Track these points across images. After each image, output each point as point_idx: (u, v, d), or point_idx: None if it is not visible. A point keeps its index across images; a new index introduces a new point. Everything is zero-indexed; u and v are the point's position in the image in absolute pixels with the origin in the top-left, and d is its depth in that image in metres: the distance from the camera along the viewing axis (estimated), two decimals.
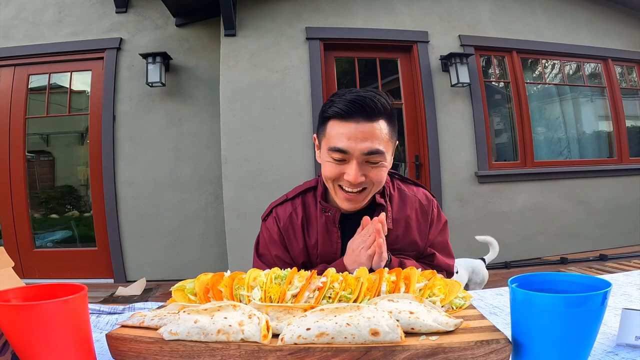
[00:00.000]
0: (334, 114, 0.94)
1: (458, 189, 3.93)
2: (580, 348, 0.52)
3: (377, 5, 3.98)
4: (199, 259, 3.83)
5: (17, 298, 0.61)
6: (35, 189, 4.06)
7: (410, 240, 1.09)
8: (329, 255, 1.08)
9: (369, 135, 0.91)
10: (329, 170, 0.96)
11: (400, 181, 1.14)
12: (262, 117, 3.63)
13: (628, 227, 4.32)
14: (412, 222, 1.09)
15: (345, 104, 0.92)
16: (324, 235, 1.07)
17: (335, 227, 1.05)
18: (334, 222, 1.05)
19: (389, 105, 0.95)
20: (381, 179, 0.97)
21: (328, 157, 0.96)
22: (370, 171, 0.95)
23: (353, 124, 0.92)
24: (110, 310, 0.92)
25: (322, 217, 1.07)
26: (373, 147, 0.91)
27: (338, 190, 0.98)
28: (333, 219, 1.05)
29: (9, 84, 3.89)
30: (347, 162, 0.94)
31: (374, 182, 0.96)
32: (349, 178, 0.93)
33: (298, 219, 1.09)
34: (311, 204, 1.10)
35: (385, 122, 0.95)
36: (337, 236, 1.06)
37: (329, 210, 1.05)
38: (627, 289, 0.95)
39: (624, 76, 4.74)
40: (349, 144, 0.91)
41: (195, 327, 0.56)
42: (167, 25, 3.95)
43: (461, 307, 0.70)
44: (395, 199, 1.09)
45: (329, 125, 0.96)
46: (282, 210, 1.11)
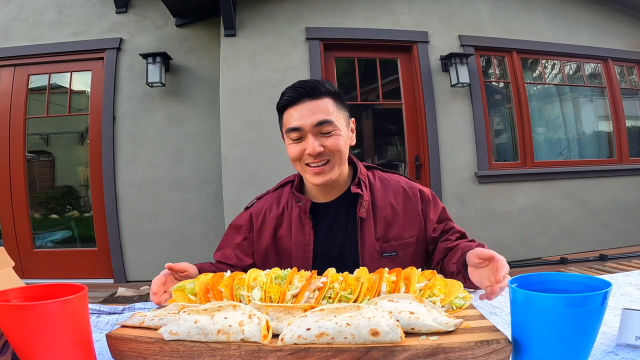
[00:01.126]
0: (285, 102, 1.06)
1: (458, 189, 3.93)
2: (580, 348, 0.52)
3: (377, 5, 3.98)
4: (199, 259, 3.81)
5: (17, 298, 0.61)
6: (35, 189, 4.06)
7: (403, 224, 1.13)
8: (301, 245, 1.12)
9: (315, 110, 1.03)
10: (292, 151, 1.06)
11: (380, 171, 1.21)
12: (262, 117, 3.63)
13: (628, 227, 4.32)
14: (399, 207, 1.13)
15: (291, 91, 1.06)
16: (297, 225, 1.13)
17: (307, 218, 1.11)
18: (305, 212, 1.11)
19: (331, 87, 1.07)
20: (339, 147, 1.04)
21: (289, 140, 1.06)
22: (325, 141, 1.03)
23: (301, 105, 1.04)
24: (110, 311, 0.92)
25: (296, 208, 1.13)
26: (321, 118, 1.02)
27: (306, 168, 1.06)
28: (304, 209, 1.11)
29: (9, 84, 3.89)
30: (304, 139, 1.03)
31: (333, 150, 1.03)
32: (309, 150, 1.02)
33: (272, 211, 1.16)
34: (287, 197, 1.17)
35: (331, 99, 1.05)
36: (310, 227, 1.11)
37: (300, 200, 1.12)
38: (627, 289, 0.95)
39: (624, 76, 4.74)
40: (300, 121, 1.02)
41: (196, 327, 0.56)
42: (167, 26, 3.95)
43: (461, 307, 0.70)
44: (377, 187, 1.15)
45: (284, 115, 1.08)
46: (261, 203, 1.20)
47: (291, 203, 1.15)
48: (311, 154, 1.02)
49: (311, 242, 1.11)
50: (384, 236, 1.11)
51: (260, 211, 1.18)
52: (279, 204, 1.17)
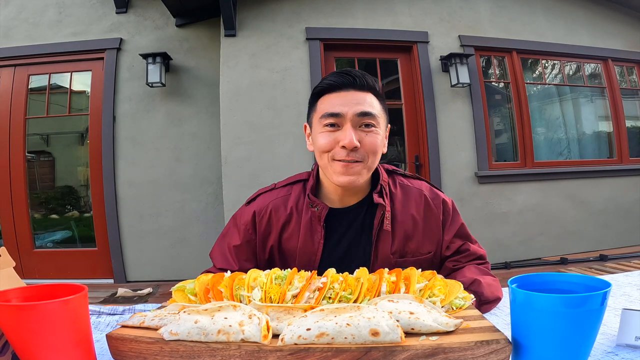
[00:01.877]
0: (326, 85, 0.95)
1: (458, 189, 3.93)
2: (580, 348, 0.52)
3: (377, 5, 3.99)
4: (199, 260, 3.83)
5: (17, 298, 0.61)
6: (35, 189, 4.06)
7: (422, 238, 1.02)
8: (308, 254, 1.01)
9: (361, 101, 0.93)
10: (323, 140, 0.94)
11: (402, 177, 1.09)
12: (262, 117, 3.63)
13: (628, 227, 4.32)
14: (420, 218, 1.03)
15: (335, 76, 0.95)
16: (307, 232, 1.01)
17: (320, 225, 0.99)
18: (319, 220, 0.99)
19: (377, 85, 0.97)
20: (376, 148, 0.94)
21: (320, 127, 0.95)
22: (364, 137, 0.92)
23: (344, 93, 0.94)
24: (111, 311, 0.92)
25: (308, 212, 1.01)
26: (366, 109, 0.92)
27: (333, 163, 0.94)
28: (319, 216, 0.99)
29: (9, 84, 3.90)
30: (341, 128, 0.93)
31: (368, 150, 0.93)
32: (345, 141, 0.90)
33: (279, 211, 1.03)
34: (297, 197, 1.04)
35: (375, 98, 0.96)
36: (321, 235, 1.00)
37: (316, 205, 0.99)
38: (627, 289, 0.95)
39: (624, 76, 4.74)
40: (341, 108, 0.92)
41: (196, 327, 0.56)
42: (167, 26, 3.95)
43: (461, 307, 0.70)
44: (397, 196, 1.04)
45: (321, 100, 0.97)
46: (265, 199, 1.06)
47: (302, 205, 1.03)
48: (346, 147, 0.90)
49: (319, 251, 1.01)
50: (401, 250, 1.01)
51: (265, 209, 1.04)
52: (287, 204, 1.04)
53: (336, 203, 1.03)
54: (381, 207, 0.99)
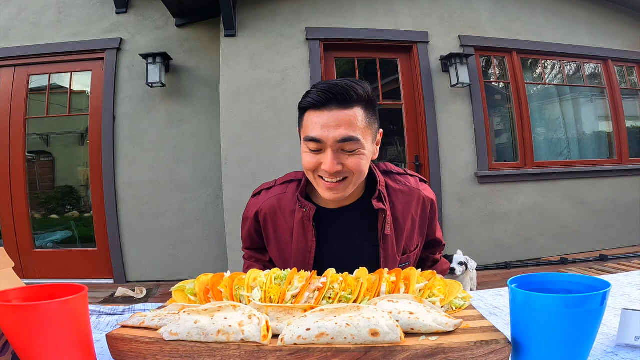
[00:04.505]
0: (308, 104, 0.94)
1: (458, 189, 3.93)
2: (579, 348, 0.53)
3: (377, 5, 3.99)
4: (199, 260, 3.83)
5: (17, 298, 0.61)
6: (35, 189, 4.06)
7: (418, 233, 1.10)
8: (302, 252, 1.05)
9: (342, 123, 0.90)
10: (307, 161, 0.95)
11: (398, 176, 1.12)
12: (262, 118, 3.63)
13: (628, 228, 4.32)
14: (417, 217, 1.09)
15: (317, 93, 0.92)
16: (299, 231, 1.05)
17: (310, 225, 1.03)
18: (309, 219, 1.03)
19: (365, 93, 0.93)
20: (360, 168, 0.94)
21: (305, 147, 0.96)
22: (347, 160, 0.92)
23: (326, 113, 0.91)
24: (111, 311, 0.92)
25: (300, 211, 1.05)
26: (347, 134, 0.90)
27: (319, 180, 0.97)
28: (307, 216, 1.03)
29: (9, 85, 3.90)
30: (323, 152, 0.93)
31: (353, 170, 0.94)
32: (325, 167, 0.92)
33: (275, 209, 1.09)
34: (291, 196, 1.08)
35: (362, 110, 0.93)
36: (312, 234, 1.03)
37: (304, 206, 1.03)
38: (627, 289, 0.95)
39: (624, 76, 4.74)
40: (321, 133, 0.90)
41: (196, 327, 0.56)
42: (167, 26, 3.95)
43: (461, 307, 0.70)
44: (398, 197, 1.07)
45: (305, 116, 0.95)
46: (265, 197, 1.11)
47: (293, 205, 1.07)
48: (328, 172, 0.92)
49: (312, 249, 1.05)
50: (404, 248, 1.08)
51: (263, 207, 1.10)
52: (281, 203, 1.09)
53: (329, 203, 1.05)
54: (382, 212, 1.02)
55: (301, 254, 1.06)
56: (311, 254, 1.05)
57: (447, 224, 3.87)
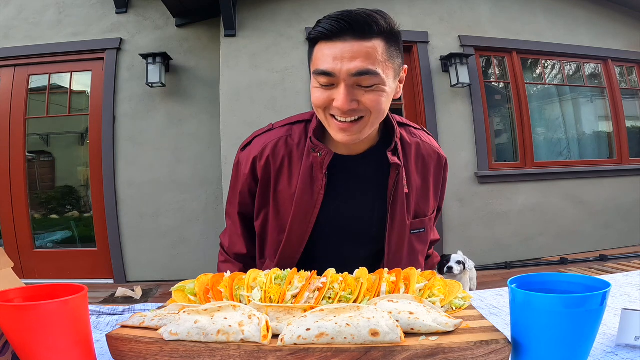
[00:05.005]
0: (318, 34, 0.82)
1: (458, 189, 3.93)
2: (579, 348, 0.52)
3: (377, 5, 3.94)
4: (199, 260, 3.83)
5: (17, 298, 0.61)
6: (35, 189, 4.06)
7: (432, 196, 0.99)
8: (305, 205, 0.91)
9: (358, 55, 0.77)
10: (317, 97, 0.83)
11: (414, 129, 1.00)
12: (262, 118, 3.63)
13: (628, 228, 4.32)
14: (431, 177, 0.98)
15: (329, 22, 0.80)
16: (306, 179, 0.91)
17: (322, 173, 0.89)
18: (321, 166, 0.89)
19: (386, 24, 0.80)
20: (379, 106, 0.81)
21: (315, 82, 0.83)
22: (363, 96, 0.80)
23: (340, 44, 0.78)
24: (110, 311, 0.92)
25: (309, 157, 0.90)
26: (363, 67, 0.77)
27: (331, 119, 0.84)
28: (321, 162, 0.89)
29: (9, 85, 3.90)
30: (336, 87, 0.80)
31: (370, 109, 0.81)
32: (337, 104, 0.79)
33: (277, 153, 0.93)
34: (298, 138, 0.93)
35: (383, 42, 0.80)
36: (322, 184, 0.90)
37: (318, 150, 0.89)
38: (627, 289, 0.95)
39: (624, 76, 4.74)
40: (334, 65, 0.78)
41: (195, 327, 0.56)
42: (167, 26, 3.96)
43: (461, 307, 0.70)
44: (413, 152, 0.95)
45: (316, 49, 0.83)
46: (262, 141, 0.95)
47: (302, 148, 0.92)
48: (340, 109, 0.80)
49: (319, 202, 0.91)
50: (414, 211, 0.96)
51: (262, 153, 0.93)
52: (286, 146, 0.93)
53: (341, 149, 0.92)
54: (395, 167, 0.90)
55: (302, 210, 0.92)
56: (315, 210, 0.91)
57: (447, 224, 3.87)
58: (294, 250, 0.95)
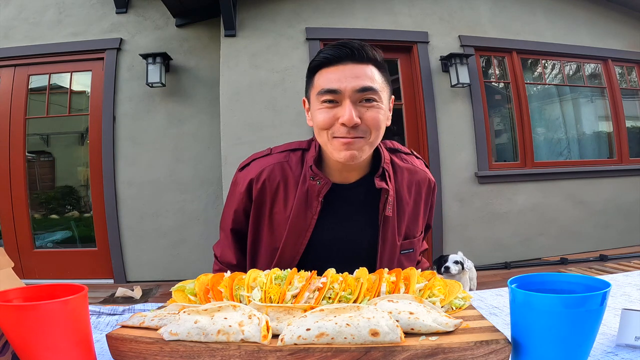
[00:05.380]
0: (323, 59, 0.89)
1: (458, 189, 3.93)
2: (579, 348, 0.53)
3: (377, 5, 3.99)
4: (199, 260, 3.83)
5: (17, 298, 0.61)
6: (35, 189, 4.06)
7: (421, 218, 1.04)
8: (298, 230, 0.96)
9: (360, 75, 0.87)
10: (322, 117, 0.88)
11: (405, 155, 1.06)
12: (262, 118, 3.63)
13: (628, 228, 4.32)
14: (421, 201, 1.03)
15: (331, 49, 0.89)
16: (301, 205, 0.95)
17: (317, 200, 0.94)
18: (318, 194, 0.94)
19: (377, 55, 0.91)
20: (378, 124, 0.88)
21: (319, 104, 0.89)
22: (365, 112, 0.87)
23: (341, 67, 0.88)
24: (110, 311, 0.92)
25: (305, 184, 0.95)
26: (366, 84, 0.86)
27: (333, 140, 0.89)
28: (319, 190, 0.93)
29: (9, 85, 3.90)
30: (340, 104, 0.87)
31: (370, 126, 0.88)
32: (344, 119, 0.85)
33: (273, 178, 0.97)
34: (295, 166, 0.98)
35: (376, 69, 0.90)
36: (316, 210, 0.95)
37: (317, 179, 0.93)
38: (627, 289, 0.95)
39: (624, 76, 4.74)
40: (339, 83, 0.86)
41: (195, 327, 0.56)
42: (167, 26, 3.96)
43: (461, 307, 0.70)
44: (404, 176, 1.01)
45: (317, 76, 0.91)
46: (260, 165, 0.99)
47: (299, 176, 0.96)
48: (346, 124, 0.85)
49: (311, 227, 0.95)
50: (405, 233, 1.01)
51: (259, 176, 0.98)
52: (283, 172, 0.97)
53: (335, 178, 0.97)
54: (384, 191, 0.95)
55: (296, 232, 0.96)
56: (307, 233, 0.96)
57: (447, 224, 3.87)
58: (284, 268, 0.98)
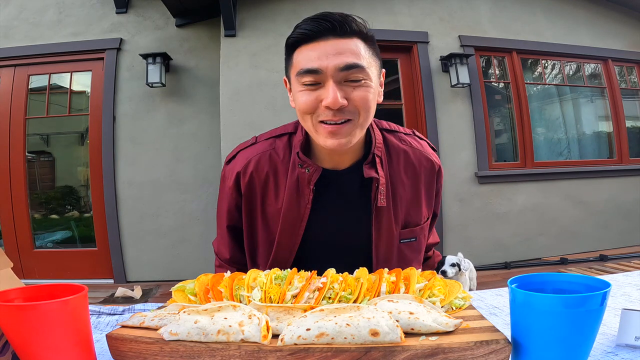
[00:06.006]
0: (300, 35, 0.80)
1: (458, 189, 3.93)
2: (579, 348, 0.52)
3: (377, 5, 3.98)
4: (199, 260, 3.83)
5: (17, 298, 0.61)
6: (35, 189, 4.06)
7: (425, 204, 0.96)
8: (292, 220, 0.90)
9: (343, 50, 0.77)
10: (303, 100, 0.80)
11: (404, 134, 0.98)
12: (262, 118, 3.63)
13: (628, 227, 4.32)
14: (422, 185, 0.95)
15: (309, 23, 0.79)
16: (292, 194, 0.89)
17: (309, 189, 0.87)
18: (309, 182, 0.87)
19: (363, 27, 0.82)
20: (367, 104, 0.80)
21: (299, 85, 0.80)
22: (351, 92, 0.78)
23: (322, 43, 0.78)
24: (110, 311, 0.92)
25: (295, 171, 0.88)
26: (350, 61, 0.77)
27: (319, 126, 0.81)
28: (309, 178, 0.86)
29: (9, 85, 3.90)
30: (323, 86, 0.78)
31: (359, 107, 0.79)
32: (328, 101, 0.76)
33: (261, 168, 0.91)
34: (283, 152, 0.91)
35: (362, 42, 0.81)
36: (308, 199, 0.88)
37: (306, 167, 0.86)
38: (627, 289, 0.95)
39: (624, 76, 4.74)
40: (320, 62, 0.77)
41: (196, 327, 0.56)
42: (167, 26, 3.96)
43: (461, 307, 0.70)
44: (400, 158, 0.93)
45: (296, 53, 0.82)
46: (245, 156, 0.93)
47: (287, 163, 0.90)
48: (331, 107, 0.77)
49: (306, 216, 0.89)
50: (403, 221, 0.94)
51: (246, 168, 0.91)
52: (270, 161, 0.91)
53: (326, 163, 0.90)
54: (375, 180, 0.88)
55: (289, 224, 0.90)
56: (302, 224, 0.90)
57: (447, 224, 3.87)
58: (283, 262, 0.95)
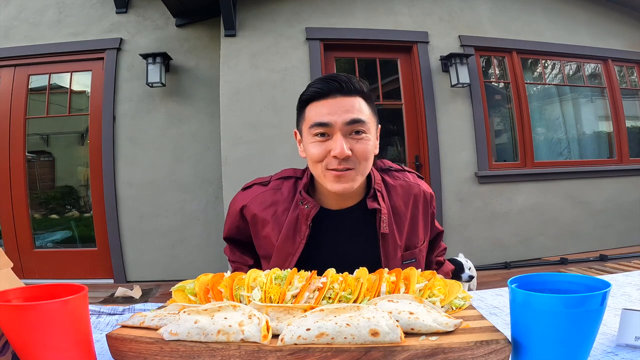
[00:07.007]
0: (313, 93, 0.94)
1: (458, 189, 3.93)
2: (579, 348, 0.52)
3: (377, 5, 3.98)
4: (199, 260, 3.83)
5: (17, 298, 0.61)
6: (35, 189, 4.06)
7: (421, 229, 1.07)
8: (285, 254, 0.99)
9: (349, 108, 0.92)
10: (314, 151, 0.93)
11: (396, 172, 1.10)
12: (262, 118, 3.63)
13: (628, 227, 4.32)
14: (419, 213, 1.06)
15: (320, 83, 0.94)
16: (289, 230, 0.99)
17: (306, 225, 0.98)
18: (307, 218, 0.98)
19: (364, 87, 0.96)
20: (367, 155, 0.93)
21: (310, 137, 0.94)
22: (355, 145, 0.92)
23: (331, 100, 0.92)
24: (110, 311, 0.92)
25: (296, 210, 1.00)
26: (355, 116, 0.91)
27: (327, 172, 0.93)
28: (307, 214, 0.98)
29: (9, 85, 3.90)
30: (331, 138, 0.92)
31: (360, 158, 0.92)
32: (336, 151, 0.89)
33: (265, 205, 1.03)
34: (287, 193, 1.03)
35: (364, 101, 0.95)
36: (304, 235, 0.98)
37: (306, 203, 0.98)
38: (627, 289, 0.95)
39: (624, 76, 4.74)
40: (330, 117, 0.91)
41: (196, 327, 0.56)
42: (167, 26, 3.95)
43: (461, 307, 0.70)
44: (397, 191, 1.05)
45: (308, 109, 0.95)
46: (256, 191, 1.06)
47: (290, 202, 1.01)
48: (338, 157, 0.90)
49: (298, 252, 0.98)
50: (405, 245, 1.05)
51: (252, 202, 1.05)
52: (275, 199, 1.03)
53: (330, 203, 1.02)
54: (377, 211, 1.00)
55: (282, 257, 1.00)
56: (293, 258, 0.99)
57: (447, 224, 3.87)
58: None
